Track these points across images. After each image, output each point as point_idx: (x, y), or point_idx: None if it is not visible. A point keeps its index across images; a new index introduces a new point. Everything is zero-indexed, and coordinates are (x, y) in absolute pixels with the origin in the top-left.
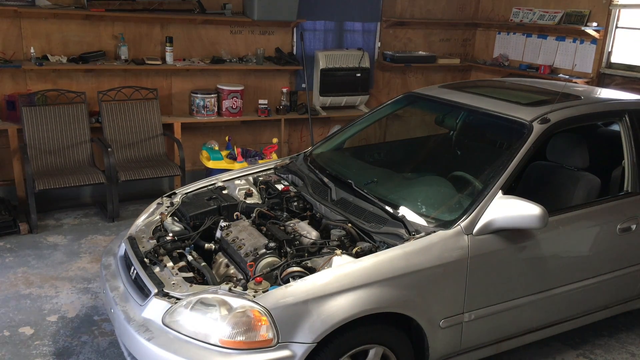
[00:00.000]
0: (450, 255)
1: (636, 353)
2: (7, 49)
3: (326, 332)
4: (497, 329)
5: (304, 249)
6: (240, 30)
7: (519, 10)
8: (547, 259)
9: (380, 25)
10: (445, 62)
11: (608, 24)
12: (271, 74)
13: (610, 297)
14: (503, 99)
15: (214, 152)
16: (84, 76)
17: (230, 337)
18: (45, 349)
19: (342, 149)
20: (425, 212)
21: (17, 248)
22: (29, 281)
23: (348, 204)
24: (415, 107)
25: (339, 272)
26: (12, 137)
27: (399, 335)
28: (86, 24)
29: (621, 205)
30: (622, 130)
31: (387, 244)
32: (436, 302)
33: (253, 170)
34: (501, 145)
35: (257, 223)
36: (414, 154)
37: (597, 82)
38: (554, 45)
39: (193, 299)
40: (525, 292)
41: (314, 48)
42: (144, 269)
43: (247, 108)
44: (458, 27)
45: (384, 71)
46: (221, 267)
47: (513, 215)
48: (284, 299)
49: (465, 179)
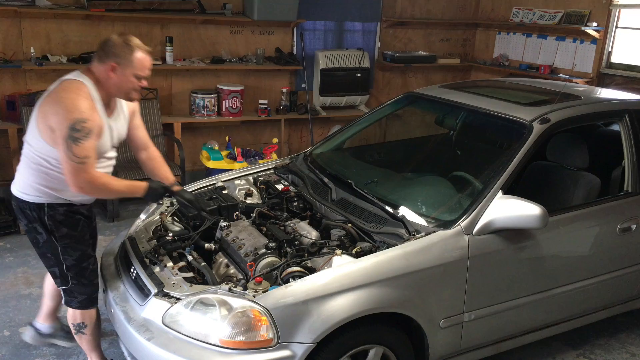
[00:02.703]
0: (450, 255)
1: (636, 353)
2: (7, 49)
3: (326, 332)
4: (497, 329)
5: (304, 249)
6: (240, 30)
7: (519, 10)
8: (547, 259)
9: (380, 25)
10: (445, 62)
11: (608, 24)
12: (271, 74)
13: (610, 297)
14: (503, 99)
15: (214, 152)
16: None
17: (230, 337)
18: (45, 349)
19: (342, 149)
20: (425, 212)
21: (17, 248)
22: (29, 281)
23: (348, 204)
24: (415, 107)
25: (339, 272)
26: (12, 137)
27: (399, 335)
28: (86, 24)
29: (621, 205)
30: (622, 130)
31: (387, 244)
32: (436, 302)
33: (253, 170)
34: (501, 145)
35: (257, 223)
36: (414, 154)
37: (597, 82)
38: (554, 45)
39: (193, 299)
40: (526, 292)
41: (314, 48)
42: (144, 269)
43: (247, 108)
44: (458, 27)
45: (384, 71)
46: (221, 267)
47: (513, 215)
48: (284, 299)
49: (465, 179)
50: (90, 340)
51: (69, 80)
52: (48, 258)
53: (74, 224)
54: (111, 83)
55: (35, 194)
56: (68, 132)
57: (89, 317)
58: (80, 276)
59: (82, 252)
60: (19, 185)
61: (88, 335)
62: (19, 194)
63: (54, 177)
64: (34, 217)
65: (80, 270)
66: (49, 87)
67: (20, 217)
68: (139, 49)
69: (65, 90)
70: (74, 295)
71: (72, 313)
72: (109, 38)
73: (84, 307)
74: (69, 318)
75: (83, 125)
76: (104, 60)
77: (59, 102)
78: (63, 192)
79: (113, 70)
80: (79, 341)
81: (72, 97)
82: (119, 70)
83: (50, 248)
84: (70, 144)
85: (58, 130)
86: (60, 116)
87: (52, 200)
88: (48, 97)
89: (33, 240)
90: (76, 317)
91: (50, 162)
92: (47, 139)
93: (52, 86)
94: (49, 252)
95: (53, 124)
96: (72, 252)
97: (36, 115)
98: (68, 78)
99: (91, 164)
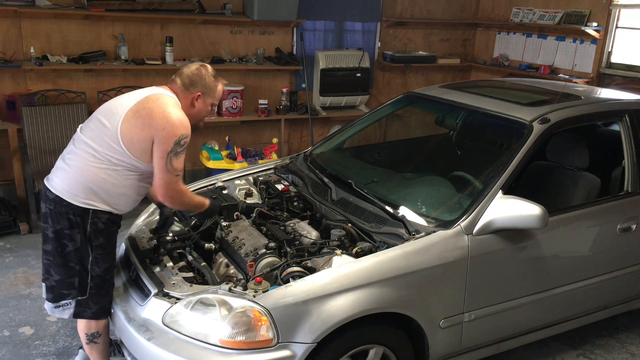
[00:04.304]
0: (450, 255)
1: (636, 353)
2: (7, 49)
3: (326, 332)
4: (497, 329)
5: (304, 249)
6: (240, 30)
7: (519, 10)
8: (547, 259)
9: (380, 25)
10: (445, 62)
11: (608, 24)
12: (271, 74)
13: (610, 297)
14: (503, 99)
15: (214, 152)
16: (84, 76)
17: (230, 337)
18: (45, 349)
19: (342, 149)
20: (425, 212)
21: (17, 248)
22: (29, 281)
23: (348, 204)
24: (415, 107)
25: (339, 272)
26: (12, 137)
27: (399, 335)
28: (86, 24)
29: (621, 205)
30: (622, 130)
31: (387, 244)
32: (436, 302)
33: (253, 170)
34: (501, 145)
35: (257, 223)
36: (414, 154)
37: (597, 82)
38: (554, 45)
39: (193, 299)
40: (526, 292)
41: (314, 48)
42: (144, 269)
43: (247, 108)
44: (458, 27)
45: (384, 71)
46: (221, 267)
47: (513, 215)
48: (284, 299)
49: (465, 179)
50: (102, 350)
51: (164, 95)
52: (69, 268)
53: (110, 235)
54: (193, 110)
55: (86, 198)
56: (173, 147)
57: (103, 327)
58: (100, 287)
59: (110, 264)
60: (69, 186)
61: (101, 344)
62: (67, 195)
63: (114, 185)
64: (76, 223)
65: (102, 282)
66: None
67: (56, 222)
68: (221, 82)
69: (169, 106)
70: (88, 306)
71: (86, 323)
72: (198, 70)
73: (97, 318)
74: (82, 328)
75: (185, 141)
76: (191, 90)
77: (166, 117)
78: (115, 199)
79: (198, 99)
80: (90, 351)
81: (178, 114)
82: (201, 99)
83: (78, 257)
84: (172, 158)
85: (162, 144)
86: (168, 131)
87: (99, 207)
88: (146, 110)
89: (58, 247)
90: (91, 326)
91: (118, 170)
92: (133, 148)
93: (139, 97)
94: (75, 260)
95: (157, 137)
96: (102, 263)
97: (121, 123)
98: (163, 92)
99: (181, 177)
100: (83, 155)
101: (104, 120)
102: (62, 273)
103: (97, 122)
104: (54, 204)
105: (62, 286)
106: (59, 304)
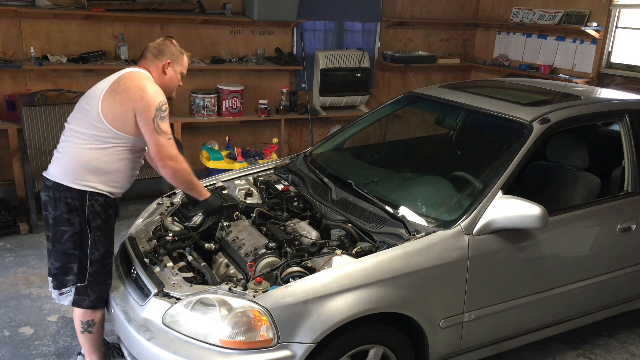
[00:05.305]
0: (450, 255)
1: (636, 353)
2: (7, 49)
3: (326, 332)
4: (497, 329)
5: (304, 249)
6: (240, 30)
7: (519, 10)
8: (547, 259)
9: (380, 25)
10: (445, 62)
11: (608, 24)
12: (271, 74)
13: (610, 297)
14: (503, 99)
15: (214, 152)
16: (84, 76)
17: (230, 337)
18: (45, 349)
19: (342, 149)
20: (425, 212)
21: (17, 248)
22: (29, 281)
23: (348, 204)
24: (415, 107)
25: (339, 272)
26: (12, 137)
27: (399, 335)
28: (86, 24)
29: (621, 205)
30: (622, 130)
31: (387, 244)
32: (436, 302)
33: (253, 170)
34: (501, 145)
35: (257, 223)
36: (414, 154)
37: (597, 82)
38: (554, 45)
39: (193, 299)
40: (525, 292)
41: (314, 48)
42: (144, 269)
43: (247, 108)
44: (458, 27)
45: (384, 71)
46: (221, 267)
47: (513, 215)
48: (284, 299)
49: (465, 179)
50: (96, 340)
51: (136, 71)
52: (68, 255)
53: (107, 217)
54: (165, 78)
55: (83, 180)
56: (156, 113)
57: (98, 316)
58: (99, 273)
59: (107, 248)
60: (65, 171)
61: (95, 334)
62: (65, 179)
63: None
64: (74, 206)
65: (101, 267)
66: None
67: (55, 208)
68: (185, 53)
69: (142, 79)
70: (86, 294)
71: (82, 311)
72: (163, 41)
73: (94, 307)
74: (77, 315)
75: (166, 106)
76: (160, 58)
77: (142, 89)
78: (110, 176)
79: (168, 66)
80: (83, 340)
81: (152, 85)
82: (171, 66)
83: (77, 241)
84: (158, 122)
85: (144, 112)
86: (147, 101)
87: (95, 188)
88: (121, 86)
89: (57, 234)
90: (86, 314)
91: (108, 147)
92: (116, 124)
93: (113, 78)
94: (74, 246)
95: (138, 109)
96: (100, 246)
97: (101, 103)
98: (134, 70)
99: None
100: (73, 140)
101: (85, 106)
102: (61, 259)
103: (80, 109)
104: (53, 190)
105: (62, 272)
106: (62, 291)
